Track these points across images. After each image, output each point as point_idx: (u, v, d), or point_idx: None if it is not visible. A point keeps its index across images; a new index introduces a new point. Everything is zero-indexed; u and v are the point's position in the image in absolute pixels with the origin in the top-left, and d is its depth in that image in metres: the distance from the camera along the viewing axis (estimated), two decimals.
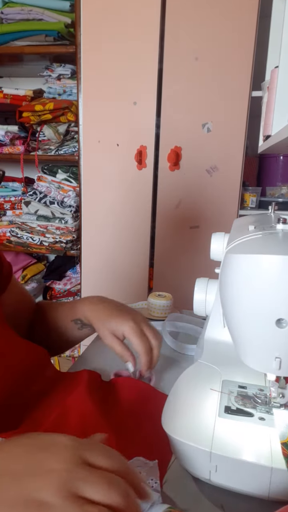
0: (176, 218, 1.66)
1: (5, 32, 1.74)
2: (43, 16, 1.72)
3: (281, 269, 0.43)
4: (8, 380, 0.58)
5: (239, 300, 0.48)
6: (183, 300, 1.08)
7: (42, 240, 1.90)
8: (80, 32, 1.59)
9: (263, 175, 1.82)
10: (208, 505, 0.44)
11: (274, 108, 1.02)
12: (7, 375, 0.58)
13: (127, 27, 1.55)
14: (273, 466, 0.42)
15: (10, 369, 0.59)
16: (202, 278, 0.73)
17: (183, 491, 0.46)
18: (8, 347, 0.61)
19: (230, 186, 1.60)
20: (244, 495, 0.44)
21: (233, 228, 0.66)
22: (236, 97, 1.52)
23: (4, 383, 0.57)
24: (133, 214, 1.69)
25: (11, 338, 0.63)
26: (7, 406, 0.56)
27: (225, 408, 0.52)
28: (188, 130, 1.58)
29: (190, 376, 0.60)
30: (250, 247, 0.47)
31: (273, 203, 0.66)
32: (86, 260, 1.80)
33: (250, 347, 0.49)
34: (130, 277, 1.75)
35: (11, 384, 0.58)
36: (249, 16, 1.45)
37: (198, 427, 0.48)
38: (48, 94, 1.87)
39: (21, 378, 0.60)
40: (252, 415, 0.51)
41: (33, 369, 0.63)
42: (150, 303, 0.99)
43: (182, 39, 1.51)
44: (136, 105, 1.60)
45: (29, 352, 0.64)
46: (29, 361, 0.63)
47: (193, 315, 0.86)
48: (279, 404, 0.52)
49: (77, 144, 1.74)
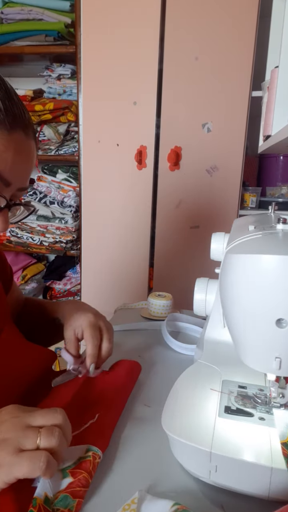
0: (176, 218, 1.66)
1: (5, 32, 1.74)
2: (43, 16, 1.73)
3: (281, 269, 0.43)
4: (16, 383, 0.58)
5: (239, 300, 0.48)
6: (183, 300, 1.08)
7: (42, 240, 1.90)
8: (80, 32, 1.59)
9: (263, 175, 1.82)
10: (208, 505, 0.44)
11: (274, 108, 1.02)
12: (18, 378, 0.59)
13: (127, 27, 1.54)
14: (273, 466, 0.42)
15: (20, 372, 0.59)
16: (202, 278, 0.73)
17: (183, 491, 0.46)
18: (19, 351, 0.61)
19: (230, 186, 1.60)
20: (244, 495, 0.44)
21: (233, 228, 0.66)
22: (236, 97, 1.52)
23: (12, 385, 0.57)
24: (133, 214, 1.69)
25: (19, 341, 0.63)
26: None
27: (225, 408, 0.52)
28: (188, 130, 1.58)
29: (190, 376, 0.60)
30: (250, 247, 0.47)
31: (273, 203, 0.66)
32: (86, 260, 1.80)
33: (250, 347, 0.49)
34: (130, 277, 1.75)
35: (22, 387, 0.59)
36: (249, 16, 1.45)
37: (198, 427, 0.48)
38: (48, 94, 1.87)
39: (32, 380, 0.61)
40: (252, 415, 0.51)
41: (42, 372, 0.63)
42: (150, 303, 0.99)
43: (182, 39, 1.51)
44: (136, 105, 1.60)
45: (38, 355, 0.64)
46: (39, 364, 0.63)
47: (193, 315, 0.86)
48: (279, 404, 0.52)
49: (77, 144, 1.74)
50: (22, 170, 0.56)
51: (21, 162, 0.54)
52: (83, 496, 0.44)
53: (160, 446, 0.53)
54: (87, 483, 0.45)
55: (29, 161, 0.56)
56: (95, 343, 0.64)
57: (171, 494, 0.44)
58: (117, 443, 0.54)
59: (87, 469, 0.46)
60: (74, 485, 0.44)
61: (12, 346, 0.61)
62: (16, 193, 0.57)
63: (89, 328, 0.64)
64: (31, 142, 0.56)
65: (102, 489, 0.46)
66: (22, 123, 0.53)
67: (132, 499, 0.43)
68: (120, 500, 0.43)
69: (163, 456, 0.51)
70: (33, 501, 0.41)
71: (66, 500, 0.42)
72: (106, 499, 0.44)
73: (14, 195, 0.57)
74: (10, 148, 0.52)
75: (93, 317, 0.66)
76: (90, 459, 0.47)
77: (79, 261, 1.88)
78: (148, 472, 0.49)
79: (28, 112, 0.56)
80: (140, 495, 0.43)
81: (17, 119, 0.52)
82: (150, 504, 0.42)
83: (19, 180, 0.56)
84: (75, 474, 0.45)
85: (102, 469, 0.49)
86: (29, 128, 0.55)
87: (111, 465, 0.50)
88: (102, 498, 0.45)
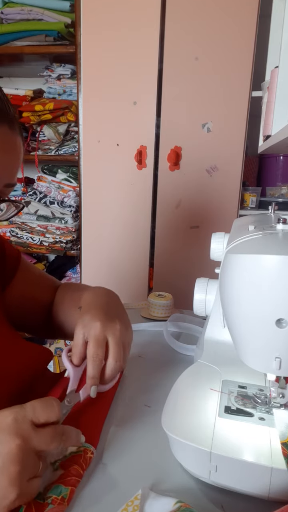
0: (176, 218, 1.66)
1: (5, 32, 1.74)
2: (43, 16, 1.73)
3: (281, 269, 0.43)
4: (12, 382, 0.58)
5: (239, 300, 0.48)
6: (183, 300, 1.08)
7: (42, 240, 1.90)
8: (80, 32, 1.59)
9: (263, 175, 1.82)
10: (208, 505, 0.44)
11: (274, 108, 1.02)
12: (12, 377, 0.58)
13: (127, 27, 1.55)
14: (273, 466, 0.42)
15: (15, 371, 0.59)
16: (202, 278, 0.73)
17: (183, 491, 0.46)
18: (12, 349, 0.61)
19: (230, 186, 1.60)
20: (244, 495, 0.44)
21: (233, 228, 0.67)
22: (236, 97, 1.52)
23: (9, 384, 0.57)
24: (133, 214, 1.69)
25: (15, 340, 0.63)
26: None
27: (225, 408, 0.52)
28: (188, 130, 1.58)
29: (190, 376, 0.60)
30: (250, 247, 0.47)
31: (273, 203, 0.66)
32: (86, 260, 1.80)
33: (250, 347, 0.49)
34: (130, 277, 1.75)
35: (15, 386, 0.58)
36: (249, 16, 1.45)
37: (198, 427, 0.48)
38: (48, 94, 1.87)
39: (25, 380, 0.60)
40: (252, 415, 0.51)
41: (37, 371, 0.63)
42: (150, 303, 0.99)
43: (182, 39, 1.51)
44: (136, 105, 1.60)
45: (34, 353, 0.64)
46: (34, 362, 0.63)
47: (194, 315, 0.86)
48: (279, 404, 0.52)
49: (77, 144, 1.74)
50: (9, 165, 0.55)
51: (8, 157, 0.54)
52: (76, 484, 0.44)
53: (160, 446, 0.53)
54: (79, 473, 0.46)
55: (15, 156, 0.56)
56: (97, 363, 0.53)
57: (171, 494, 0.44)
58: (117, 443, 0.54)
59: (78, 461, 0.47)
60: (65, 475, 0.45)
61: (5, 345, 0.60)
62: (3, 189, 0.57)
63: (92, 342, 0.54)
64: (17, 137, 0.56)
65: (102, 489, 0.46)
66: (6, 118, 0.53)
67: (135, 495, 0.43)
68: (121, 499, 0.43)
69: (163, 456, 0.51)
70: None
71: (58, 489, 0.43)
72: (106, 499, 0.44)
73: (1, 191, 0.57)
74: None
75: (99, 329, 0.55)
76: (81, 453, 0.48)
77: (79, 261, 1.88)
78: (148, 472, 0.49)
79: (13, 108, 0.56)
80: (143, 492, 0.43)
81: (2, 114, 0.52)
82: (153, 501, 0.42)
83: (6, 176, 0.55)
84: (66, 467, 0.46)
85: (102, 469, 0.49)
86: (14, 123, 0.55)
87: (111, 465, 0.50)
88: (102, 498, 0.45)
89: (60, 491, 0.43)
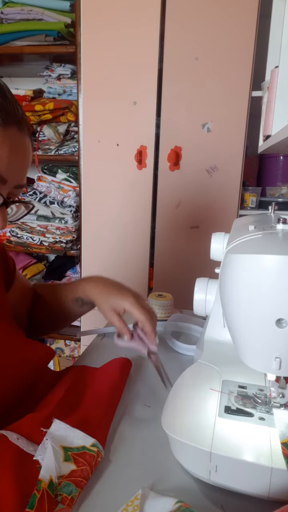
0: (176, 218, 1.66)
1: (5, 32, 1.74)
2: (43, 16, 1.72)
3: (281, 269, 0.43)
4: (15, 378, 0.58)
5: (239, 300, 0.48)
6: (183, 300, 1.08)
7: (42, 240, 1.90)
8: (80, 32, 1.59)
9: (263, 175, 1.82)
10: (208, 505, 0.44)
11: (274, 108, 1.02)
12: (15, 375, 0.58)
13: (127, 27, 1.54)
14: (273, 466, 0.42)
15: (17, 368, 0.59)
16: (202, 278, 0.73)
17: (183, 491, 0.46)
18: (16, 346, 0.61)
19: (230, 186, 1.60)
20: (244, 495, 0.44)
21: (233, 228, 0.67)
22: (236, 97, 1.52)
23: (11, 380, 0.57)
24: (133, 214, 1.69)
25: (19, 337, 0.63)
26: (15, 405, 0.56)
27: (225, 408, 0.52)
28: (188, 130, 1.58)
29: (190, 376, 0.60)
30: (250, 247, 0.47)
31: (273, 203, 0.66)
32: (86, 260, 1.80)
33: (250, 347, 0.49)
34: (130, 277, 1.75)
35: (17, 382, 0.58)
36: (249, 16, 1.45)
37: (198, 427, 0.48)
38: (48, 94, 1.87)
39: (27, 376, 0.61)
40: (252, 415, 0.51)
41: (39, 369, 0.63)
42: (150, 303, 0.99)
43: (182, 39, 1.51)
44: (136, 105, 1.60)
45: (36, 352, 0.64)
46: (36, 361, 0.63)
47: (194, 315, 0.86)
48: (279, 404, 0.52)
49: (77, 144, 1.74)
50: (18, 167, 0.55)
51: (17, 158, 0.54)
52: (83, 487, 0.44)
53: (160, 446, 0.53)
54: (88, 476, 0.46)
55: (25, 157, 0.56)
56: (149, 320, 0.69)
57: (171, 494, 0.44)
58: (117, 443, 0.54)
59: (90, 463, 0.47)
60: (77, 474, 0.45)
61: (9, 342, 0.60)
62: (14, 190, 0.57)
63: (136, 310, 0.69)
64: (26, 138, 0.56)
65: (102, 489, 0.46)
66: (15, 119, 0.53)
67: (135, 495, 0.43)
68: (121, 499, 0.43)
69: (163, 456, 0.51)
70: (38, 484, 0.41)
71: (69, 488, 0.43)
72: (106, 499, 0.44)
73: (11, 192, 0.57)
74: (5, 144, 0.52)
75: (132, 300, 0.70)
76: (94, 454, 0.48)
77: (79, 261, 1.88)
78: (148, 472, 0.49)
79: (22, 109, 0.56)
80: (143, 491, 0.43)
81: (11, 115, 0.52)
82: (153, 501, 0.42)
83: (16, 177, 0.55)
84: (78, 463, 0.46)
85: (102, 469, 0.49)
86: (23, 125, 0.55)
87: (112, 465, 0.50)
88: (102, 498, 0.45)
89: (71, 491, 0.43)
